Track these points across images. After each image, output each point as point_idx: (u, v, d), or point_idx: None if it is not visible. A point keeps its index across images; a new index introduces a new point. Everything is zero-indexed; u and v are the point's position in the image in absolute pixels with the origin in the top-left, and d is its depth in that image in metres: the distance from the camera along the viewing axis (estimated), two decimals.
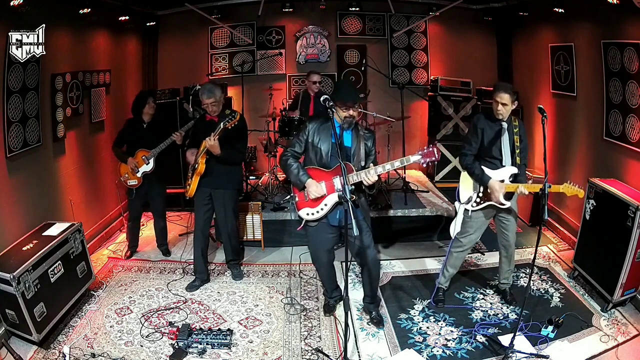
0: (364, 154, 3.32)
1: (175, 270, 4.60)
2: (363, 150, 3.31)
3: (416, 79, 6.85)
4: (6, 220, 3.65)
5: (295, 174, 3.31)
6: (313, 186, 3.25)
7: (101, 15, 4.89)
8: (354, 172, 3.20)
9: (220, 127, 3.68)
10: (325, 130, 3.29)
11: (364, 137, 3.34)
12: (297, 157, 3.40)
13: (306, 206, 3.35)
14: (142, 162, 4.47)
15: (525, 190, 3.36)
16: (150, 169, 4.50)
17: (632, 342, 3.35)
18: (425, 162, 3.07)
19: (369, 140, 3.37)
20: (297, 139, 3.39)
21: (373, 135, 3.45)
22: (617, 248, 3.60)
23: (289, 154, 3.38)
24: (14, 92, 3.68)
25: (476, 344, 3.39)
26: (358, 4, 6.34)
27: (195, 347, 3.33)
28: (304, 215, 3.37)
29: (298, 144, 3.38)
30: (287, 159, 3.36)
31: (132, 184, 4.54)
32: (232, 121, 3.64)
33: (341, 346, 3.35)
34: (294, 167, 3.32)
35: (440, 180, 6.39)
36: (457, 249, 3.80)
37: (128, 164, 4.45)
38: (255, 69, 6.75)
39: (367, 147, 3.34)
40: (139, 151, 4.47)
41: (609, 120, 4.29)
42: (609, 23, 4.15)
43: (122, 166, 4.53)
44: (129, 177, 4.52)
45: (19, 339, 3.41)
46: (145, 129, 4.49)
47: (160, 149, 4.43)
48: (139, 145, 4.47)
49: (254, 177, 6.40)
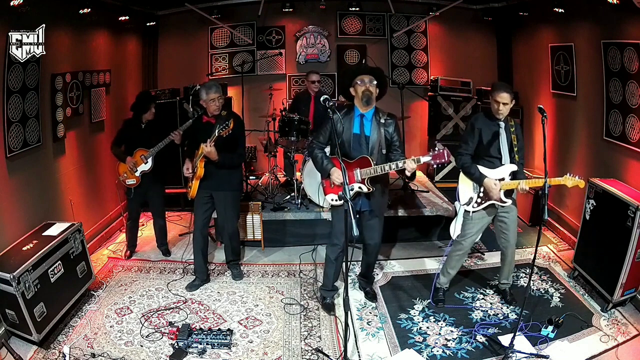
0: (385, 141, 3.47)
1: (175, 270, 4.60)
2: (384, 137, 3.46)
3: (416, 79, 6.85)
4: (6, 220, 3.65)
5: (320, 163, 3.54)
6: (336, 173, 3.44)
7: (101, 15, 4.89)
8: (372, 165, 3.38)
9: (215, 135, 3.68)
10: (348, 121, 3.48)
11: (385, 125, 3.49)
12: (321, 147, 3.61)
13: (332, 192, 3.59)
14: (141, 161, 4.47)
15: (526, 187, 3.37)
16: (148, 168, 4.50)
17: (632, 342, 3.36)
18: (435, 164, 3.22)
19: (390, 126, 3.51)
20: (322, 130, 3.61)
21: (394, 121, 3.56)
22: (617, 248, 3.60)
23: (314, 145, 3.62)
24: (14, 92, 3.68)
25: (476, 344, 3.39)
26: (358, 4, 6.34)
27: (195, 347, 3.34)
28: (330, 200, 3.62)
29: (322, 135, 3.60)
30: (313, 150, 3.60)
31: (131, 183, 4.55)
32: (225, 130, 3.65)
33: (341, 346, 3.35)
34: (319, 157, 3.55)
35: (440, 180, 6.39)
36: (458, 251, 3.80)
37: (127, 163, 4.45)
38: (255, 69, 6.76)
39: (388, 133, 3.49)
40: (137, 150, 4.47)
41: (609, 120, 4.29)
42: (609, 23, 4.15)
43: (120, 165, 4.53)
44: (127, 177, 4.52)
45: (19, 339, 3.41)
46: (143, 128, 4.50)
47: (158, 148, 4.43)
48: (138, 145, 4.47)
49: (254, 177, 6.40)
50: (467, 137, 3.62)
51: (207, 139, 3.73)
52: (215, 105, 3.88)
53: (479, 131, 3.54)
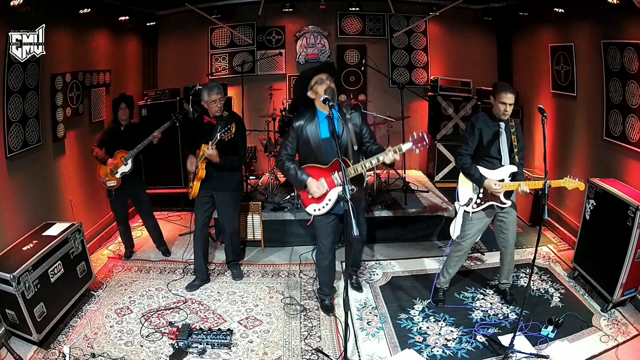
0: (355, 136, 3.33)
1: (175, 270, 4.60)
2: (353, 132, 3.32)
3: (416, 79, 6.85)
4: (6, 220, 3.65)
5: (294, 175, 3.38)
6: (313, 186, 3.33)
7: (101, 15, 4.90)
8: (350, 166, 3.25)
9: (217, 138, 3.68)
10: (312, 126, 3.34)
11: (351, 119, 3.35)
12: (291, 159, 3.45)
13: (312, 203, 3.45)
14: (121, 163, 4.46)
15: (527, 188, 3.35)
16: (128, 169, 4.49)
17: (632, 342, 3.35)
18: (418, 148, 3.09)
19: (356, 118, 3.39)
20: (287, 141, 3.45)
21: (358, 111, 3.45)
22: (617, 248, 3.60)
23: (283, 158, 3.45)
24: (14, 92, 3.68)
25: (476, 344, 3.39)
26: (358, 4, 6.34)
27: (195, 347, 3.34)
28: (311, 212, 3.47)
29: (289, 146, 3.44)
30: (283, 163, 3.43)
31: (112, 185, 4.52)
32: (228, 134, 3.64)
33: (341, 346, 3.35)
34: (292, 169, 3.39)
35: (440, 180, 6.39)
36: (458, 252, 3.79)
37: (108, 165, 4.45)
38: (255, 69, 6.76)
39: (356, 127, 3.37)
40: (117, 152, 4.46)
41: (609, 120, 4.29)
42: (609, 23, 4.15)
43: (101, 168, 4.51)
44: (108, 179, 4.50)
45: (19, 339, 3.41)
46: (122, 130, 4.49)
47: (138, 150, 4.42)
48: (118, 147, 4.47)
49: (254, 177, 6.40)
50: (467, 138, 3.60)
51: (208, 139, 3.73)
52: (217, 107, 3.88)
53: (479, 132, 3.52)
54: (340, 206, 3.39)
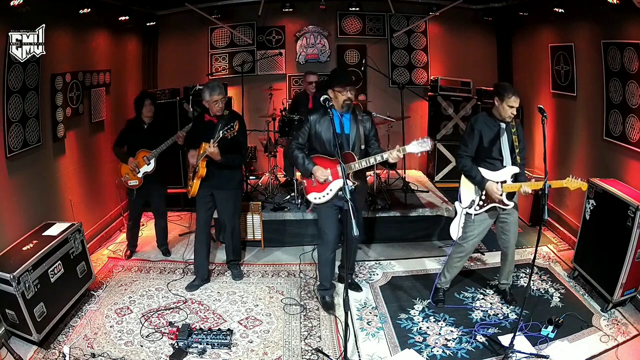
0: (364, 137, 3.60)
1: (175, 270, 4.60)
2: (363, 134, 3.59)
3: (416, 79, 6.86)
4: (6, 220, 3.65)
5: (301, 163, 3.61)
6: (319, 171, 3.54)
7: (101, 15, 4.89)
8: (355, 160, 3.47)
9: (219, 136, 3.68)
10: (326, 121, 3.55)
11: (362, 121, 3.62)
12: (301, 148, 3.68)
13: (314, 191, 3.65)
14: (143, 162, 4.47)
15: (529, 189, 3.35)
16: (151, 169, 4.50)
17: (632, 342, 3.35)
18: (419, 153, 3.37)
19: (367, 122, 3.66)
20: (300, 132, 3.69)
21: (370, 117, 3.72)
22: (617, 248, 3.60)
23: (293, 147, 3.68)
24: (14, 92, 3.68)
25: (476, 344, 3.39)
26: (358, 4, 6.34)
27: (195, 347, 3.33)
28: (312, 199, 3.68)
29: (301, 136, 3.67)
30: (293, 151, 3.66)
31: (133, 184, 4.54)
32: (231, 131, 3.64)
33: (341, 346, 3.35)
34: (300, 157, 3.62)
35: (440, 180, 6.39)
36: (459, 254, 3.79)
37: (129, 164, 4.45)
38: (255, 69, 6.76)
39: (366, 129, 3.62)
40: (139, 151, 4.47)
41: (609, 120, 4.29)
42: (609, 23, 4.15)
43: (122, 166, 4.53)
44: (129, 178, 4.52)
45: (19, 339, 3.41)
46: (146, 129, 4.49)
47: (161, 150, 4.44)
48: (140, 146, 4.47)
49: (254, 177, 6.40)
50: (466, 139, 3.57)
51: (209, 137, 3.73)
52: (218, 107, 3.89)
53: (479, 133, 3.49)
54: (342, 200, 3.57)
